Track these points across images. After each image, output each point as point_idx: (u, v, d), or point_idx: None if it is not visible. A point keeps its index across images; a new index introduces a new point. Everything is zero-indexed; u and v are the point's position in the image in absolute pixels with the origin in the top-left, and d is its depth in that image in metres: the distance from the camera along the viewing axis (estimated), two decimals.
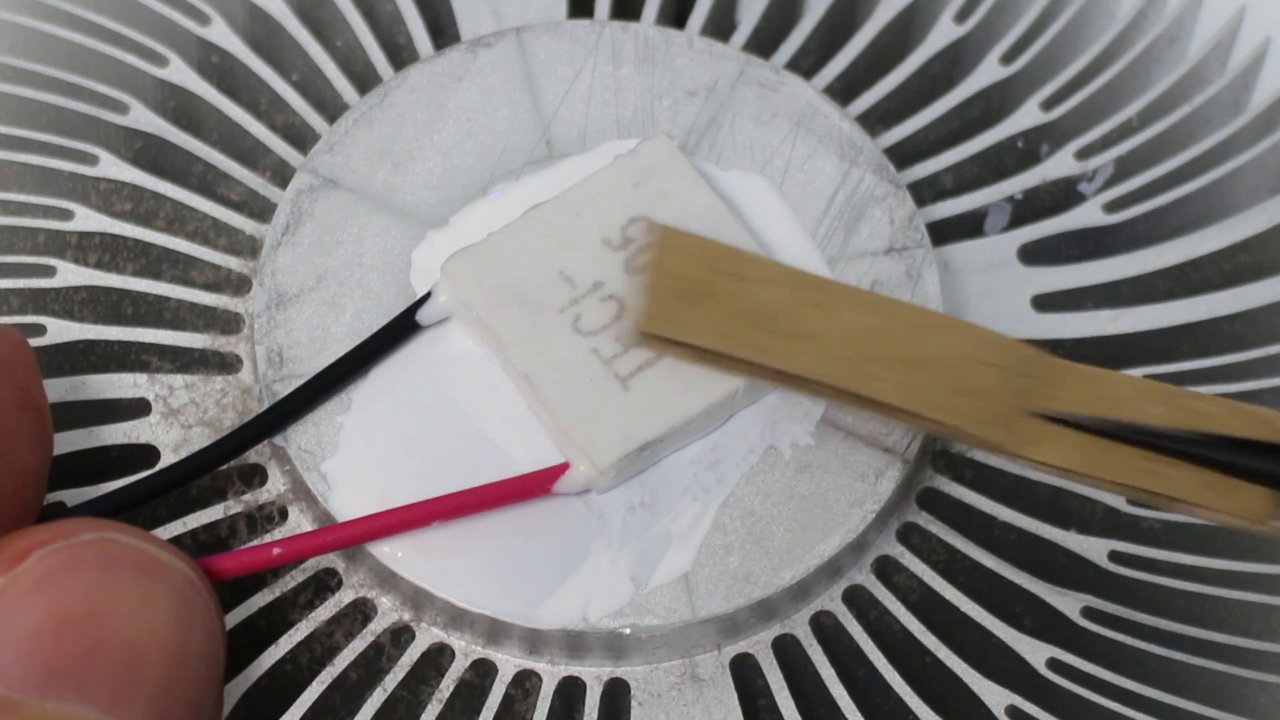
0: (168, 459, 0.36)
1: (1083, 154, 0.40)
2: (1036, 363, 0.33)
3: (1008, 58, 0.41)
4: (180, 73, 0.40)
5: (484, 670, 0.35)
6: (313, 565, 0.35)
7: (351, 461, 0.35)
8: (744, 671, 0.35)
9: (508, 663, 0.35)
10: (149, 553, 0.29)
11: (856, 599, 0.35)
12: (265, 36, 0.41)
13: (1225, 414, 0.33)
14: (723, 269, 0.33)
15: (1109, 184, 0.40)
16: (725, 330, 0.33)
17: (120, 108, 0.39)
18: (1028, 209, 0.40)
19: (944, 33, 0.41)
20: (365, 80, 0.40)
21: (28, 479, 0.31)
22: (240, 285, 0.38)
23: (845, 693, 0.34)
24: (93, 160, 0.39)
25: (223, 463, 0.35)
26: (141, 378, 0.37)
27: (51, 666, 0.28)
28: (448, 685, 0.34)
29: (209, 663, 0.30)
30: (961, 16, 0.42)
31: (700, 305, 0.33)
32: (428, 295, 0.36)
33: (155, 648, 0.29)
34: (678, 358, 0.34)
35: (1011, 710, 0.35)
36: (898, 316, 0.33)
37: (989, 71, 0.41)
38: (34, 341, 0.37)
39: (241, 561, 0.32)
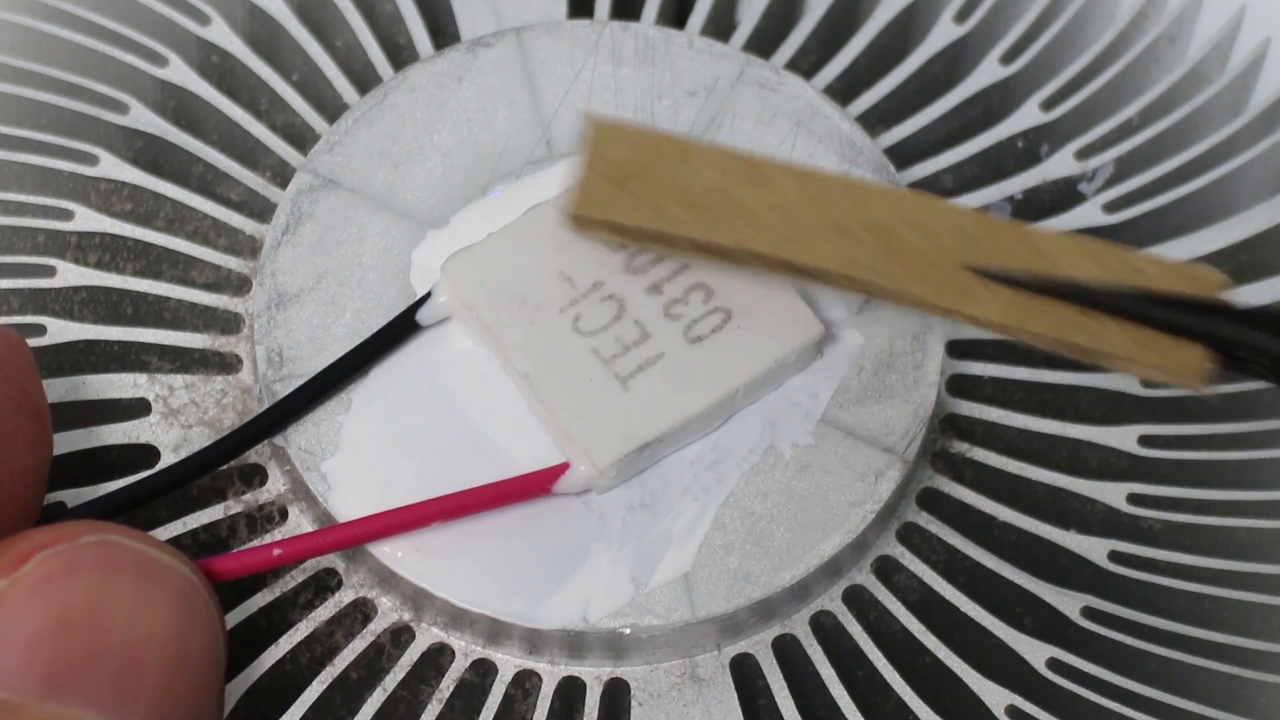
0: (168, 459, 0.36)
1: (1083, 154, 0.40)
2: (970, 221, 0.33)
3: (1008, 58, 0.41)
4: (180, 73, 0.40)
5: (484, 670, 0.35)
6: (313, 565, 0.35)
7: (351, 461, 0.35)
8: (744, 671, 0.35)
9: (508, 663, 0.35)
10: (150, 555, 0.29)
11: (856, 599, 0.35)
12: (265, 36, 0.41)
13: (1163, 271, 0.33)
14: (653, 152, 0.34)
15: (1109, 184, 0.40)
16: (657, 209, 0.33)
17: (120, 108, 0.39)
18: (1028, 209, 0.40)
19: (944, 33, 0.41)
20: (365, 80, 0.40)
21: (27, 480, 0.31)
22: (240, 285, 0.38)
23: (845, 693, 0.34)
24: (93, 160, 0.39)
25: (223, 463, 0.35)
26: (141, 378, 0.37)
27: (52, 669, 0.28)
28: (448, 685, 0.34)
29: (210, 665, 0.30)
30: (961, 16, 0.42)
31: (632, 188, 0.33)
32: (428, 295, 0.36)
33: (156, 650, 0.29)
34: (614, 240, 0.34)
35: (1011, 710, 0.35)
36: (830, 186, 0.34)
37: (989, 71, 0.41)
38: (34, 341, 0.37)
39: (242, 562, 0.32)
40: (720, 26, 0.42)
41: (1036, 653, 0.35)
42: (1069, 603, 0.36)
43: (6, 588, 0.28)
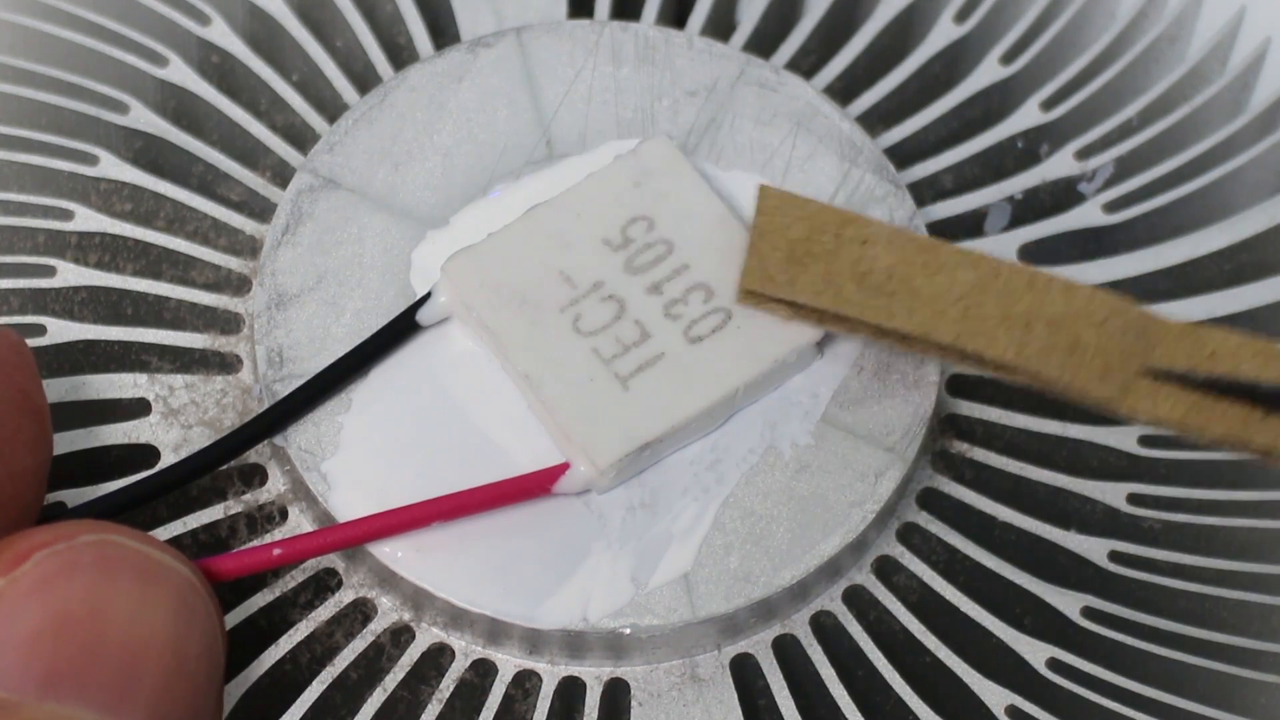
0: (168, 459, 0.36)
1: (1083, 154, 0.40)
2: (1147, 322, 0.34)
3: (1008, 58, 0.41)
4: (180, 73, 0.40)
5: (484, 670, 0.35)
6: (313, 565, 0.35)
7: (351, 461, 0.35)
8: (744, 671, 0.35)
9: (508, 663, 0.35)
10: (149, 555, 0.29)
11: (856, 599, 0.35)
12: (265, 36, 0.41)
13: None
14: (826, 228, 0.34)
15: (1109, 184, 0.40)
16: (831, 288, 0.33)
17: (120, 108, 0.39)
18: (1028, 209, 0.40)
19: (944, 33, 0.41)
20: (365, 80, 0.40)
21: (27, 480, 0.31)
22: (240, 285, 0.38)
23: (845, 693, 0.34)
24: (93, 160, 0.39)
25: (223, 463, 0.35)
26: (141, 378, 0.37)
27: (51, 668, 0.28)
28: (448, 685, 0.34)
29: (208, 665, 0.30)
30: (961, 16, 0.42)
31: (805, 264, 0.33)
32: (428, 295, 0.36)
33: (154, 650, 0.29)
34: (784, 317, 0.34)
35: (1011, 710, 0.35)
36: (1005, 275, 0.34)
37: (989, 71, 0.41)
38: (34, 341, 0.37)
39: (242, 562, 0.32)
40: (720, 26, 0.42)
41: (1036, 653, 0.35)
42: (1069, 603, 0.36)
43: (5, 587, 0.28)
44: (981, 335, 0.33)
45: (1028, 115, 0.41)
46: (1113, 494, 0.37)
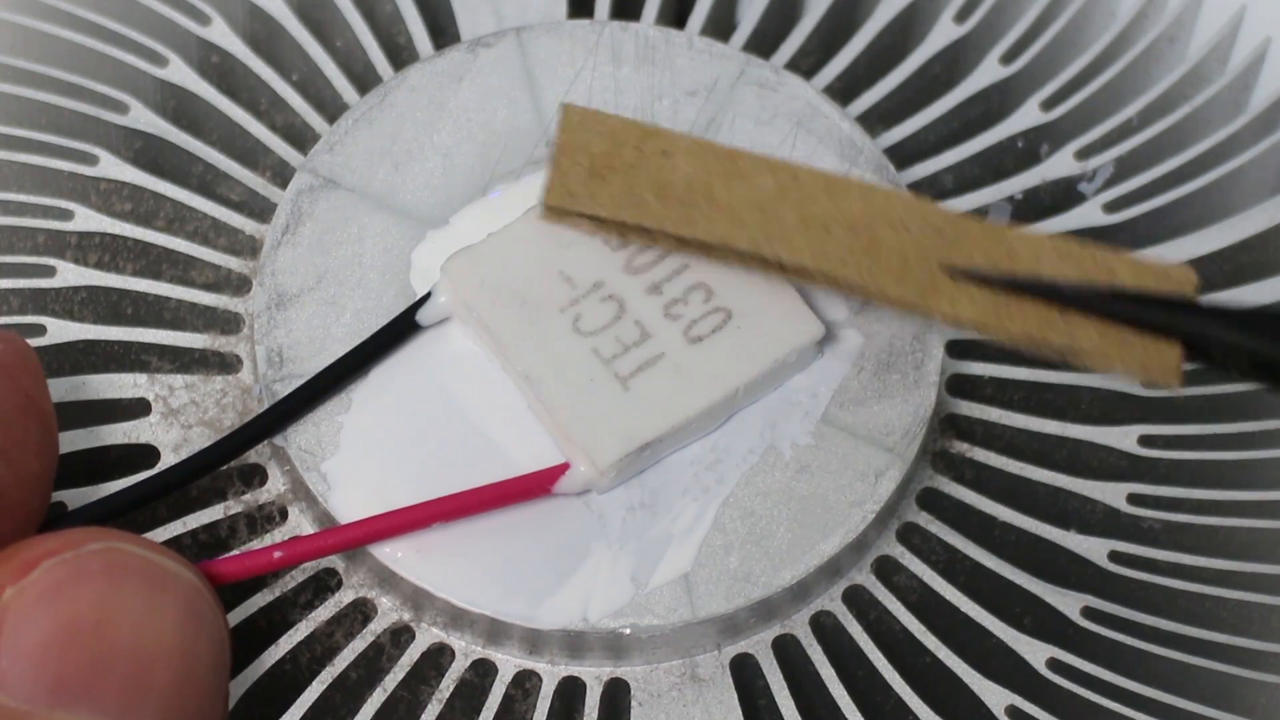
0: (168, 459, 0.36)
1: (1083, 154, 0.40)
2: (946, 221, 0.34)
3: (1008, 58, 0.41)
4: (180, 73, 0.40)
5: (484, 670, 0.35)
6: (312, 565, 0.35)
7: (351, 461, 0.35)
8: (744, 671, 0.35)
9: (508, 663, 0.35)
10: (156, 562, 0.29)
11: (856, 599, 0.35)
12: (265, 36, 0.41)
13: (1136, 270, 0.33)
14: (627, 141, 0.34)
15: (1109, 184, 0.40)
16: (634, 201, 0.33)
17: (120, 108, 0.39)
18: (1028, 209, 0.40)
19: (944, 33, 0.41)
20: (365, 80, 0.40)
21: (33, 485, 0.31)
22: (240, 285, 0.38)
23: (845, 693, 0.34)
24: (93, 160, 0.39)
25: (223, 463, 0.35)
26: (141, 378, 0.37)
27: (60, 677, 0.28)
28: (448, 685, 0.34)
29: (216, 671, 0.30)
30: (961, 16, 0.42)
31: (606, 178, 0.33)
32: (428, 295, 0.36)
33: (163, 657, 0.29)
34: (588, 231, 0.34)
35: (1011, 710, 0.35)
36: (807, 182, 0.34)
37: (989, 71, 0.41)
38: (34, 341, 0.37)
39: (243, 565, 0.32)
40: (720, 26, 0.42)
41: (1036, 653, 0.35)
42: (1069, 603, 0.36)
43: (13, 596, 0.28)
44: (780, 240, 0.33)
45: (1028, 115, 0.41)
46: (1113, 494, 0.37)
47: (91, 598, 0.28)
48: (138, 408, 0.37)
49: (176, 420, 0.36)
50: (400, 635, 0.35)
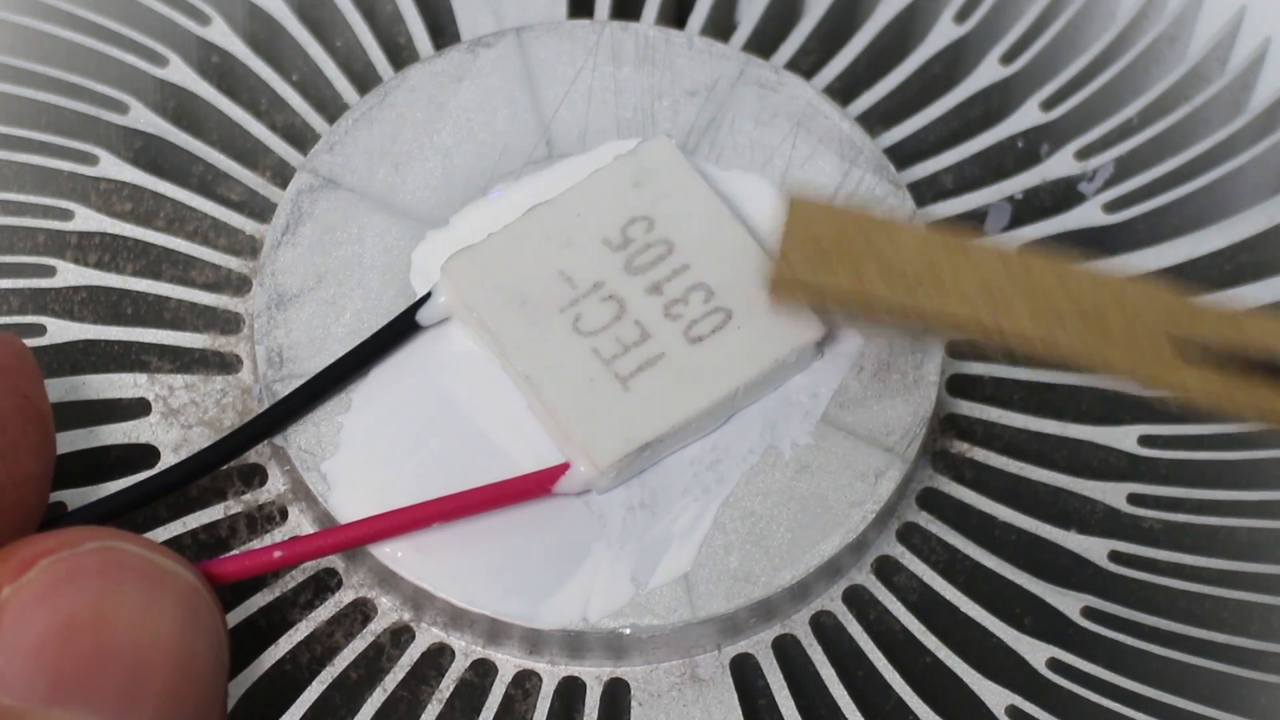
0: (168, 459, 0.36)
1: (1083, 154, 0.40)
2: (1170, 300, 0.33)
3: (1008, 58, 0.41)
4: (180, 73, 0.40)
5: (484, 670, 0.35)
6: (312, 565, 0.35)
7: (351, 461, 0.35)
8: (744, 671, 0.35)
9: (508, 663, 0.35)
10: (153, 561, 0.29)
11: (856, 599, 0.35)
12: (265, 36, 0.41)
13: None
14: (854, 226, 0.34)
15: (1109, 184, 0.40)
16: (858, 276, 0.33)
17: (120, 108, 0.39)
18: (1028, 209, 0.40)
19: (944, 33, 0.41)
20: (365, 80, 0.40)
21: (31, 486, 0.31)
22: (240, 285, 0.38)
23: (845, 693, 0.34)
24: (93, 160, 0.39)
25: (223, 463, 0.35)
26: (141, 378, 0.37)
27: (57, 676, 0.28)
28: (448, 685, 0.34)
29: (214, 670, 0.30)
30: (961, 16, 0.42)
31: (832, 258, 0.33)
32: (428, 295, 0.36)
33: (161, 656, 0.29)
34: (815, 306, 0.34)
35: (1011, 710, 0.35)
36: (1034, 263, 0.34)
37: (989, 71, 0.41)
38: (34, 341, 0.37)
39: (243, 565, 0.32)
40: (720, 26, 0.42)
41: (1036, 653, 0.35)
42: (1069, 603, 0.36)
43: (10, 595, 0.28)
44: (1006, 312, 0.33)
45: (1028, 115, 0.41)
46: (1113, 494, 0.37)
47: (89, 596, 0.28)
48: (138, 408, 0.37)
49: (176, 420, 0.36)
50: (400, 635, 0.35)
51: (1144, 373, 0.33)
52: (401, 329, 0.36)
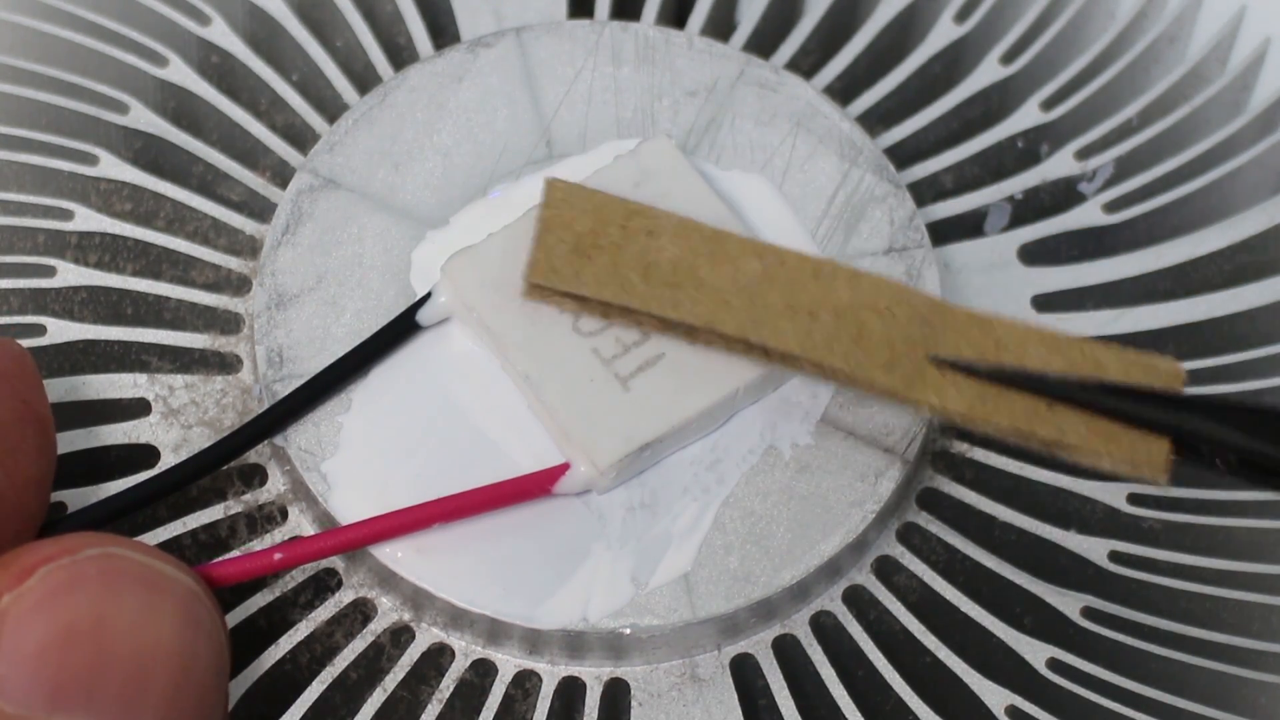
0: (168, 459, 0.36)
1: (1083, 154, 0.40)
2: (932, 310, 0.34)
3: (1008, 58, 0.41)
4: (180, 73, 0.40)
5: (484, 670, 0.35)
6: (312, 565, 0.35)
7: (351, 462, 0.35)
8: (744, 671, 0.35)
9: (508, 663, 0.35)
10: (153, 566, 0.29)
11: (856, 599, 0.35)
12: (265, 36, 0.41)
13: (1123, 363, 0.33)
14: (612, 219, 0.34)
15: (1109, 184, 0.40)
16: (617, 281, 0.33)
17: (120, 108, 0.39)
18: (1028, 209, 0.40)
19: (944, 33, 0.41)
20: (365, 80, 0.40)
21: (31, 490, 0.31)
22: (240, 285, 0.38)
23: (845, 693, 0.34)
24: (93, 160, 0.39)
25: (223, 464, 0.35)
26: (141, 378, 0.37)
27: (58, 682, 0.28)
28: (448, 685, 0.34)
29: (215, 674, 0.30)
30: (961, 16, 0.42)
31: (591, 256, 0.33)
32: (428, 295, 0.36)
33: (161, 661, 0.29)
34: (570, 309, 0.34)
35: (1011, 710, 0.35)
36: (793, 266, 0.34)
37: (989, 71, 0.41)
38: (34, 342, 0.37)
39: (244, 567, 0.32)
40: (720, 26, 0.42)
41: (1036, 653, 0.35)
42: (1069, 603, 0.36)
43: (10, 603, 0.28)
44: (766, 325, 0.33)
45: (1028, 115, 0.41)
46: (1113, 494, 0.37)
47: (89, 603, 0.28)
48: (138, 408, 0.37)
49: (176, 420, 0.36)
50: (400, 635, 0.35)
51: (901, 392, 0.33)
52: (401, 329, 0.36)
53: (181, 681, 0.29)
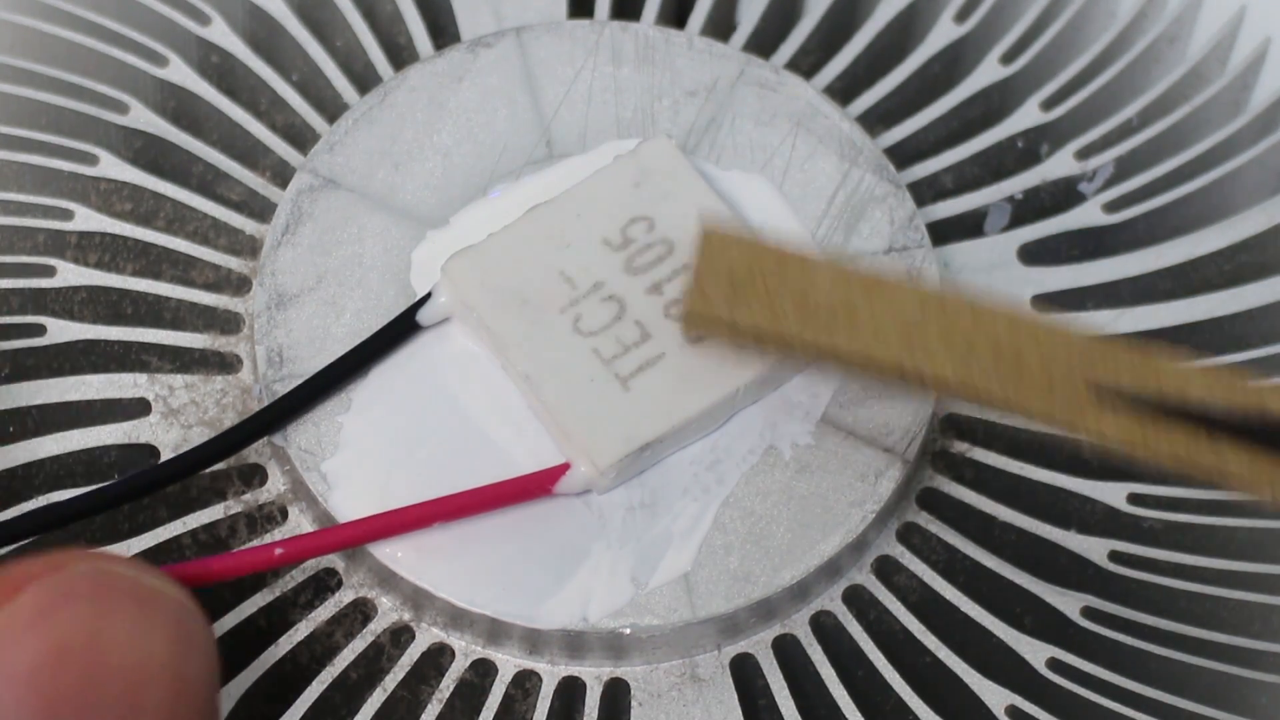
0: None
1: (1083, 154, 0.40)
2: (1092, 345, 0.33)
3: (1008, 58, 0.41)
4: (180, 73, 0.40)
5: (484, 670, 0.35)
6: (313, 565, 0.35)
7: (351, 461, 0.35)
8: (744, 671, 0.35)
9: (508, 663, 0.35)
10: (144, 582, 0.29)
11: (856, 599, 0.35)
12: (265, 36, 0.41)
13: None
14: (770, 261, 0.34)
15: (1109, 184, 0.40)
16: (773, 311, 0.33)
17: (120, 108, 0.39)
18: (1028, 209, 0.40)
19: (944, 33, 0.41)
20: (365, 80, 0.40)
21: None
22: (240, 285, 0.38)
23: (845, 693, 0.34)
24: (93, 160, 0.39)
25: (219, 460, 0.35)
26: (141, 378, 0.37)
27: (52, 700, 0.28)
28: (448, 685, 0.34)
29: (207, 688, 0.29)
30: (961, 16, 0.42)
31: (747, 291, 0.33)
32: (428, 295, 0.36)
33: (156, 677, 0.28)
34: (730, 340, 0.34)
35: (1011, 710, 0.35)
36: (951, 303, 0.34)
37: (989, 71, 0.41)
38: (34, 342, 0.37)
39: (244, 562, 0.33)
40: (720, 26, 0.42)
41: (1036, 653, 0.35)
42: (1069, 603, 0.36)
43: (1, 620, 0.28)
44: (922, 355, 0.33)
45: (1028, 115, 0.41)
46: (1113, 494, 0.37)
47: (81, 619, 0.28)
48: (138, 408, 0.37)
49: (176, 420, 0.36)
50: (400, 635, 0.35)
51: (1060, 417, 0.33)
52: (401, 329, 0.36)
53: (175, 696, 0.29)
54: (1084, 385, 0.33)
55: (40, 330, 0.37)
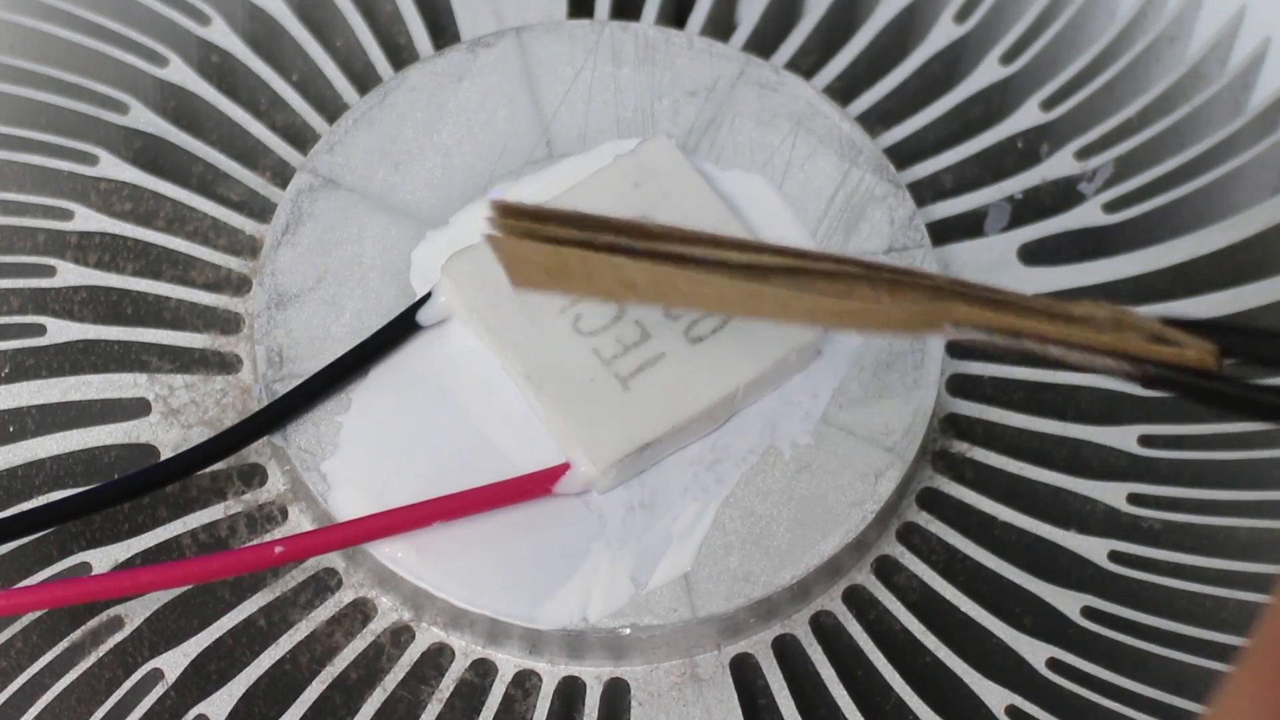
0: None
1: (1083, 154, 0.40)
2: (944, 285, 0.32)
3: (1008, 58, 0.41)
4: (180, 73, 0.40)
5: (484, 670, 0.35)
6: (313, 565, 0.35)
7: (351, 461, 0.35)
8: (744, 671, 0.35)
9: (508, 663, 0.35)
10: None
11: (856, 599, 0.35)
12: (265, 36, 0.41)
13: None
14: (570, 262, 0.32)
15: (1109, 184, 0.40)
16: (603, 289, 0.31)
17: (120, 108, 0.39)
18: (1028, 209, 0.40)
19: (944, 33, 0.41)
20: (365, 80, 0.40)
21: None
22: (240, 285, 0.38)
23: (845, 693, 0.34)
24: (93, 160, 0.39)
25: (218, 459, 0.35)
26: (141, 378, 0.37)
27: None
28: (448, 685, 0.34)
29: None
30: (961, 16, 0.42)
31: (565, 281, 0.31)
32: (428, 295, 0.36)
33: None
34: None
35: (1011, 710, 0.35)
36: (777, 283, 0.32)
37: (989, 71, 0.41)
38: (34, 342, 0.37)
39: (244, 560, 0.33)
40: (720, 26, 0.42)
41: (1036, 653, 0.35)
42: (1069, 603, 0.36)
43: None
44: (761, 295, 0.31)
45: (1028, 115, 0.41)
46: (1113, 494, 0.37)
47: None
48: (138, 408, 0.37)
49: (176, 420, 0.36)
50: (400, 635, 0.35)
51: (902, 319, 0.31)
52: (401, 329, 0.36)
53: None
54: (938, 323, 0.31)
55: (40, 330, 0.37)
